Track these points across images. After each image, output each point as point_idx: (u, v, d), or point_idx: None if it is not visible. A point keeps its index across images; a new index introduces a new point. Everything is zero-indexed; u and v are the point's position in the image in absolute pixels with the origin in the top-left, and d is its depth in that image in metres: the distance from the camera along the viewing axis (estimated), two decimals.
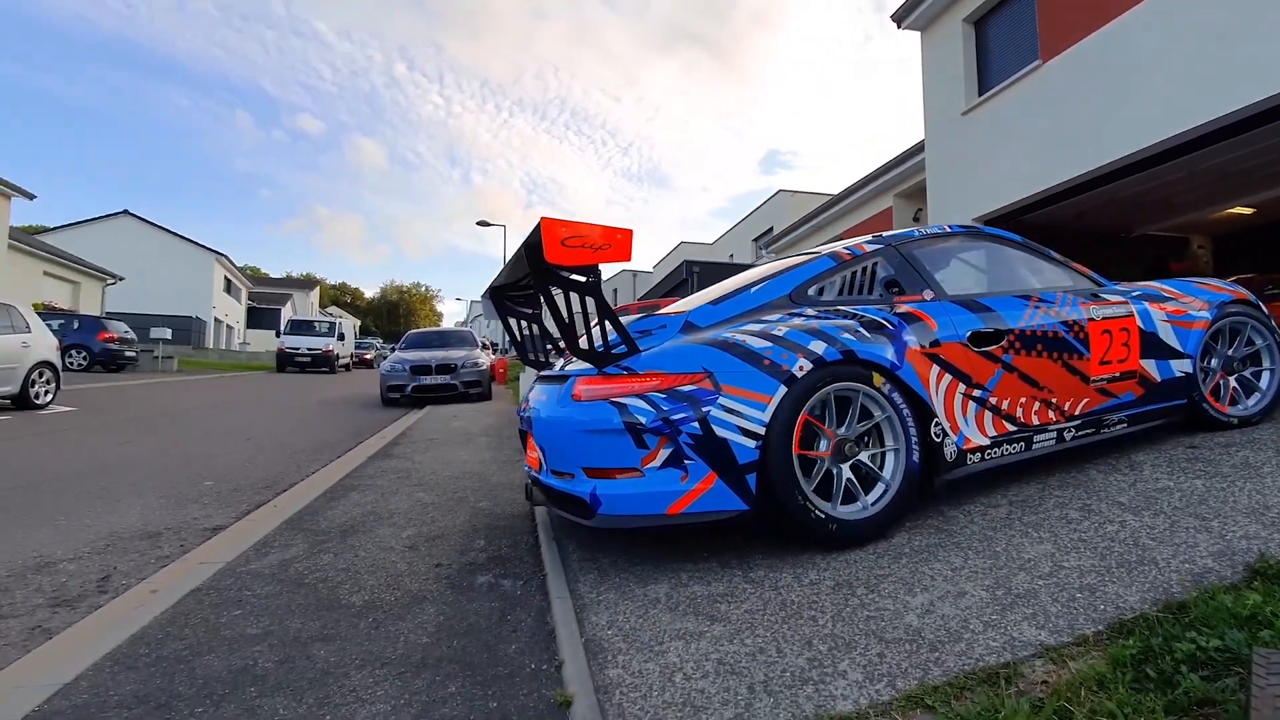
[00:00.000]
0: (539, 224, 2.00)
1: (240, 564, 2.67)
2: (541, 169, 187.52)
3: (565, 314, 2.27)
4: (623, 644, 1.84)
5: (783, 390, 2.23)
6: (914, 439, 2.43)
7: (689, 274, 19.16)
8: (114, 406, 9.27)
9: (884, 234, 3.02)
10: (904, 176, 10.57)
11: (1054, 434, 2.81)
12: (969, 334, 2.66)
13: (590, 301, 2.23)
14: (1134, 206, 8.12)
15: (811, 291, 2.72)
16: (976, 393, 2.63)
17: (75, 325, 17.18)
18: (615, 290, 34.56)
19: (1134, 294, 3.22)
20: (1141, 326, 3.09)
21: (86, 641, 1.98)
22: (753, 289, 2.69)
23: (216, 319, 34.36)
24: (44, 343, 8.60)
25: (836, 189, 14.14)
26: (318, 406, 10.06)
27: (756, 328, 2.41)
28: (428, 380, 9.91)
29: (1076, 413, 2.88)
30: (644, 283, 31.59)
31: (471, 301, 74.98)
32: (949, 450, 2.52)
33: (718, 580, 2.22)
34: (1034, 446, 2.76)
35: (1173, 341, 3.17)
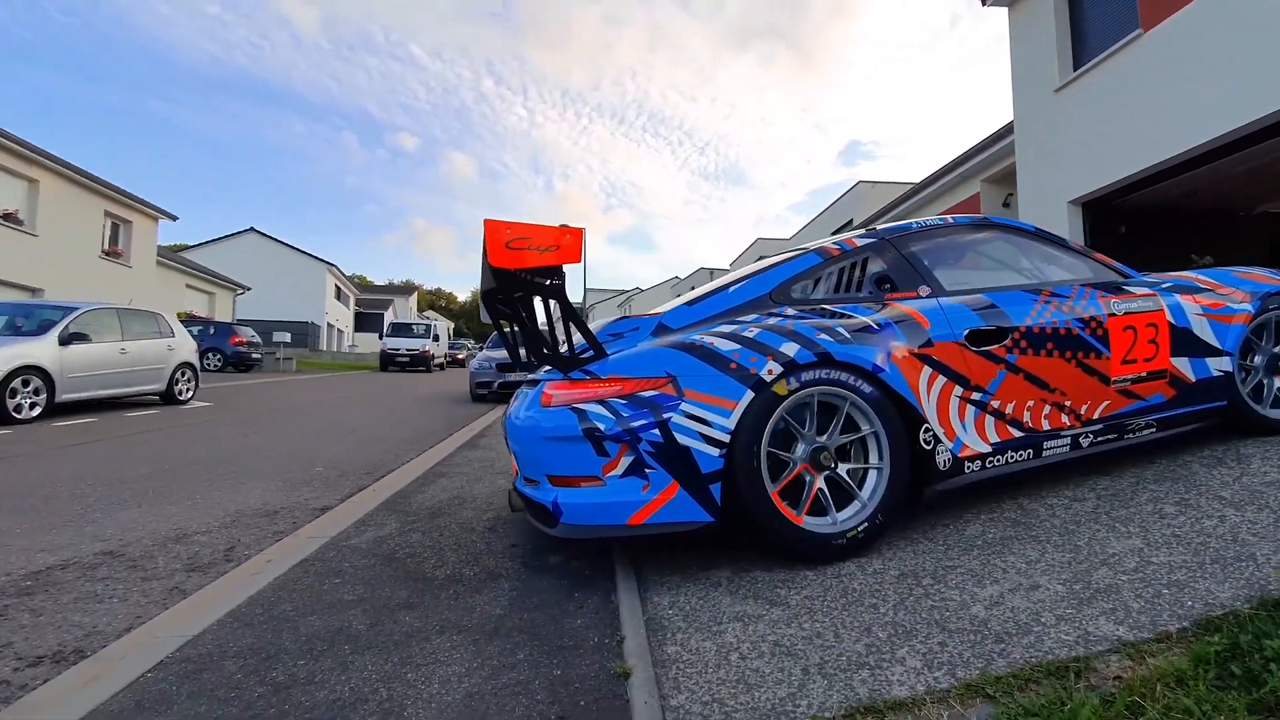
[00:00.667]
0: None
1: (342, 539, 2.93)
2: (620, 172, 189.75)
3: (529, 318, 2.19)
4: (682, 623, 1.90)
5: (750, 395, 2.11)
6: (898, 447, 2.25)
7: None
8: (242, 402, 10.28)
9: (878, 227, 2.85)
10: (992, 160, 9.96)
11: (1068, 440, 2.56)
12: (966, 333, 2.47)
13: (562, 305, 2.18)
14: (1252, 182, 7.29)
15: (795, 290, 2.58)
16: (976, 396, 2.44)
17: (211, 331, 19.46)
18: (692, 288, 34.52)
19: (1164, 286, 2.95)
20: (1172, 321, 2.81)
21: (213, 601, 2.25)
22: (731, 289, 2.58)
23: (329, 323, 37.14)
24: (186, 346, 9.88)
25: (920, 178, 13.51)
26: (414, 402, 10.72)
27: (727, 329, 2.30)
28: (513, 377, 10.33)
29: (1095, 416, 2.64)
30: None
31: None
32: (942, 458, 2.33)
33: (780, 566, 2.23)
34: (1044, 453, 2.52)
35: (1209, 337, 2.87)
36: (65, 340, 7.89)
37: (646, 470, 2.08)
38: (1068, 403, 2.60)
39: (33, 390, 7.44)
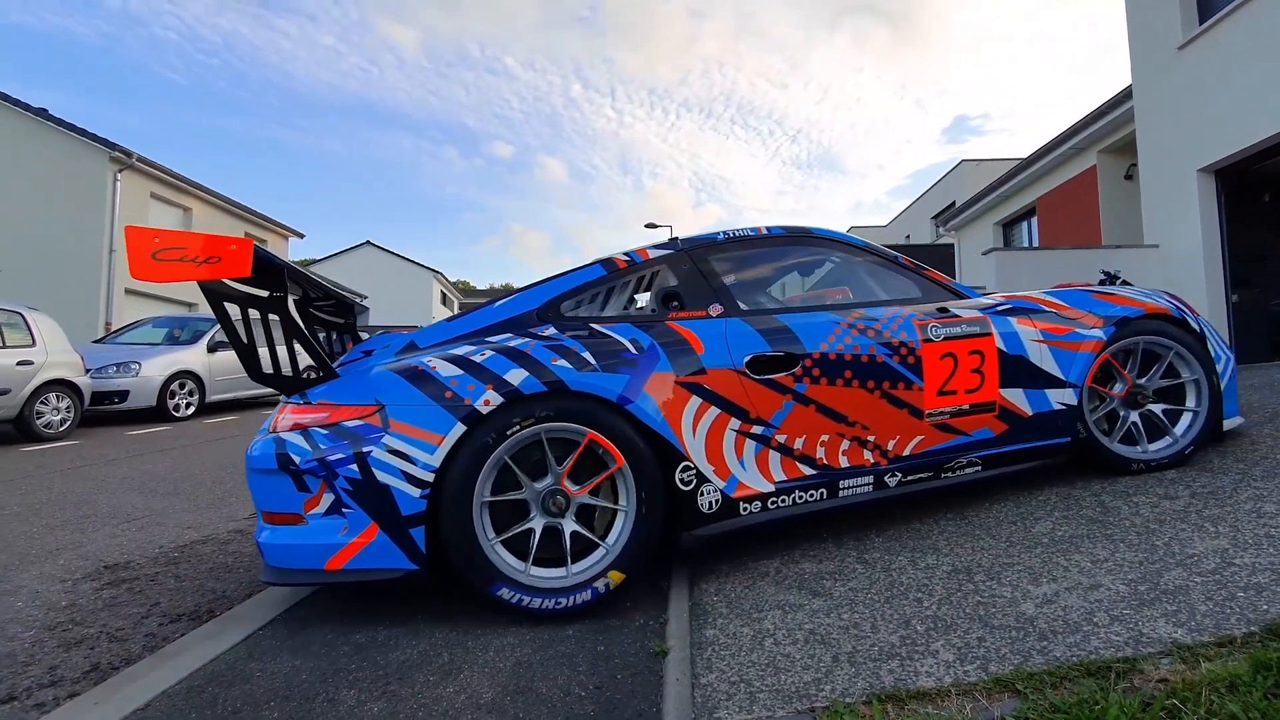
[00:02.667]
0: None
1: None
2: (709, 166, 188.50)
3: (244, 333, 1.99)
4: (724, 609, 1.96)
5: (460, 429, 1.91)
6: (650, 488, 2.04)
7: None
8: None
9: (679, 238, 2.60)
10: (1109, 129, 9.06)
11: (870, 478, 2.33)
12: (747, 359, 2.24)
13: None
14: None
15: (568, 306, 2.37)
16: (757, 430, 2.21)
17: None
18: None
19: (999, 308, 2.63)
20: (1002, 348, 2.51)
21: None
22: (499, 303, 2.38)
23: None
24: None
25: (1033, 150, 12.51)
26: None
27: (461, 350, 2.09)
28: None
29: (905, 453, 2.39)
30: None
31: None
32: (707, 500, 2.11)
33: (829, 559, 2.24)
34: (841, 494, 2.30)
35: (1049, 366, 2.57)
36: (213, 348, 9.00)
37: (344, 510, 1.89)
38: (871, 438, 2.35)
39: (188, 392, 8.56)
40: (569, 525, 2.03)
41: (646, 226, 24.89)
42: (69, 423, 6.82)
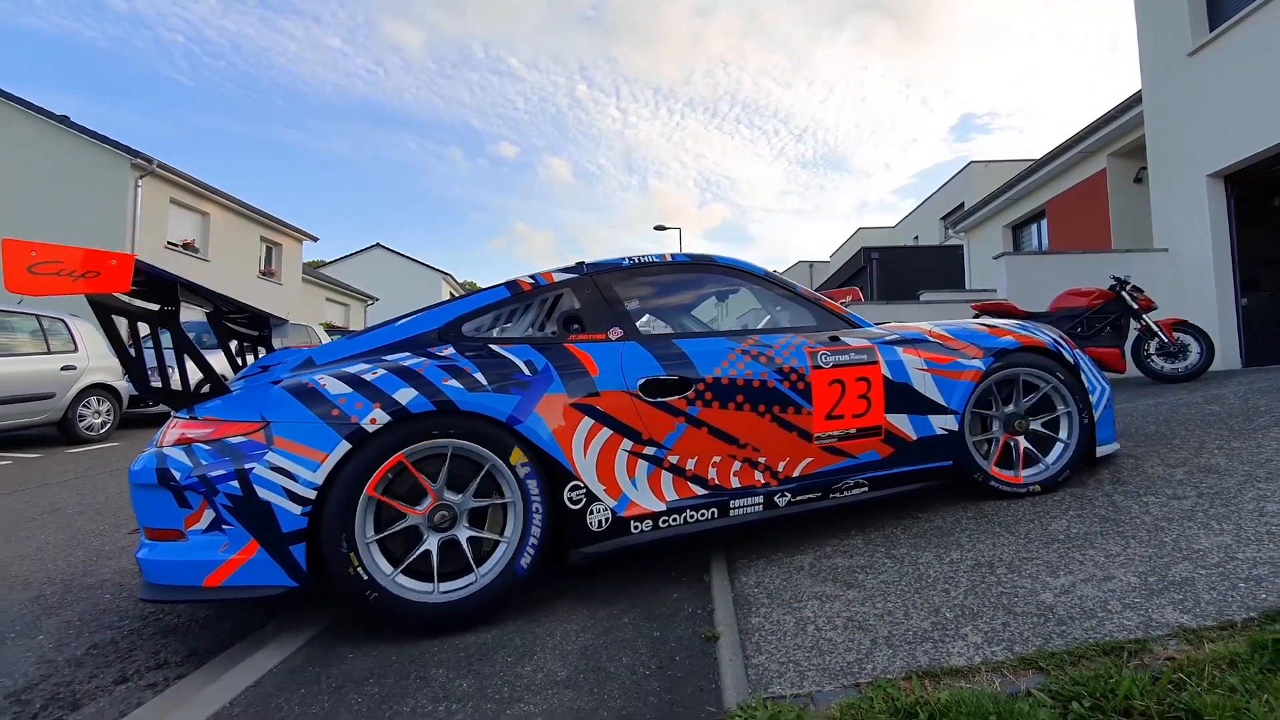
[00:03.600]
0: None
1: None
2: (714, 166, 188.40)
3: (131, 347, 2.01)
4: (765, 599, 2.14)
5: (345, 447, 1.93)
6: (534, 509, 2.11)
7: (868, 261, 18.31)
8: None
9: (585, 262, 2.67)
10: (1120, 132, 9.17)
11: (760, 498, 2.44)
12: (640, 382, 2.32)
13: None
14: None
15: (470, 326, 2.41)
16: (649, 450, 2.30)
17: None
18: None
19: (887, 339, 2.75)
20: (888, 376, 2.65)
21: None
22: (401, 321, 2.41)
23: None
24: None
25: (1040, 153, 12.62)
26: None
27: (354, 369, 2.11)
28: None
29: (795, 474, 2.51)
30: (821, 273, 30.60)
31: None
32: (596, 519, 2.20)
33: (860, 554, 2.42)
34: (732, 513, 2.40)
35: (933, 394, 2.70)
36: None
37: (224, 526, 1.90)
38: (762, 459, 2.46)
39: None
40: (461, 533, 2.07)
41: (655, 229, 25.06)
42: (109, 425, 7.06)
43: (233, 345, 2.75)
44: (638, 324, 2.64)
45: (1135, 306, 5.84)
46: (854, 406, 2.58)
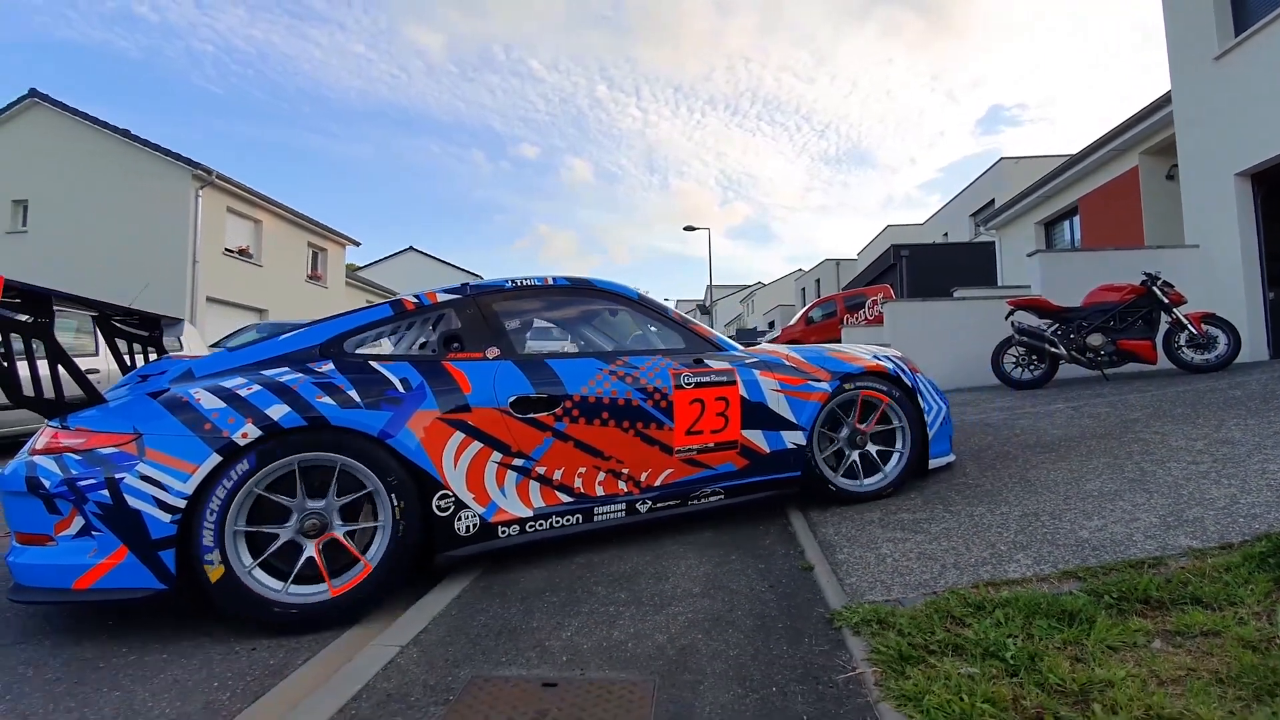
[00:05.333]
0: None
1: None
2: (736, 164, 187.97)
3: (2, 357, 2.03)
4: (845, 543, 2.61)
5: (215, 459, 2.02)
6: (407, 513, 2.24)
7: (897, 259, 18.56)
8: None
9: (469, 283, 2.83)
10: (1152, 130, 9.40)
11: (623, 505, 2.66)
12: (511, 399, 2.48)
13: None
14: None
15: (352, 343, 2.51)
16: (518, 462, 2.47)
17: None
18: (818, 280, 34.07)
19: (747, 362, 3.01)
20: (745, 395, 2.91)
21: None
22: (284, 336, 2.48)
23: None
24: None
25: (1075, 146, 12.81)
26: None
27: (230, 383, 2.19)
28: None
29: (656, 484, 2.73)
30: (848, 271, 30.72)
31: (677, 301, 78.36)
32: (464, 524, 2.36)
33: (921, 511, 2.88)
34: (596, 518, 2.61)
35: (785, 412, 2.98)
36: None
37: (94, 532, 1.98)
38: (625, 470, 2.66)
39: None
40: (312, 547, 2.15)
41: (685, 229, 25.53)
42: None
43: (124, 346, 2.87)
44: (528, 339, 2.87)
45: (1166, 301, 6.17)
46: (713, 423, 2.82)
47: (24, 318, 2.07)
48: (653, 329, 3.15)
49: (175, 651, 2.00)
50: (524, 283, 2.88)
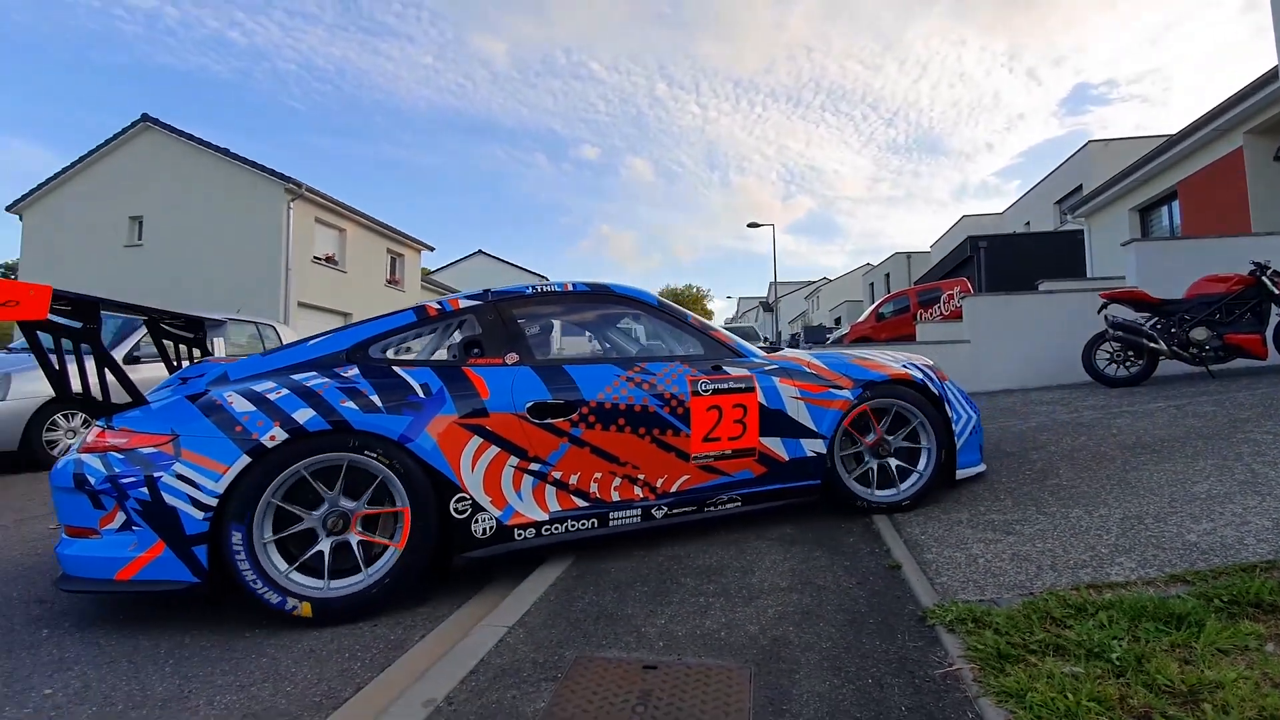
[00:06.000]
0: None
1: None
2: (798, 157, 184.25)
3: (55, 360, 2.17)
4: (933, 544, 2.60)
5: (245, 461, 2.10)
6: (422, 515, 2.28)
7: (974, 250, 17.79)
8: None
9: (491, 289, 2.85)
10: (1256, 109, 8.63)
11: (639, 511, 2.66)
12: (529, 405, 2.50)
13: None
14: None
15: (377, 349, 2.57)
16: (534, 467, 2.50)
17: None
18: (888, 275, 33.02)
19: (766, 369, 2.95)
20: (764, 403, 2.85)
21: None
22: (312, 341, 2.55)
23: None
24: None
25: (1174, 126, 11.95)
26: None
27: (260, 387, 2.27)
28: None
29: (672, 490, 2.72)
30: (920, 264, 29.62)
31: (740, 298, 77.46)
32: (481, 526, 2.40)
33: (1012, 513, 2.82)
34: (611, 523, 2.62)
35: (804, 419, 2.91)
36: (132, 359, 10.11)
37: (134, 527, 2.08)
38: (641, 476, 2.66)
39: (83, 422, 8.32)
40: (328, 545, 2.23)
41: (749, 226, 25.28)
42: None
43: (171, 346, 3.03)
44: (550, 343, 2.95)
45: (1277, 292, 5.71)
46: (730, 430, 2.80)
47: (74, 324, 2.19)
48: (670, 333, 3.14)
49: (307, 625, 2.22)
50: (544, 289, 2.92)
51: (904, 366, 3.18)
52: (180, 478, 2.08)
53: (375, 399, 2.31)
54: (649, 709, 1.58)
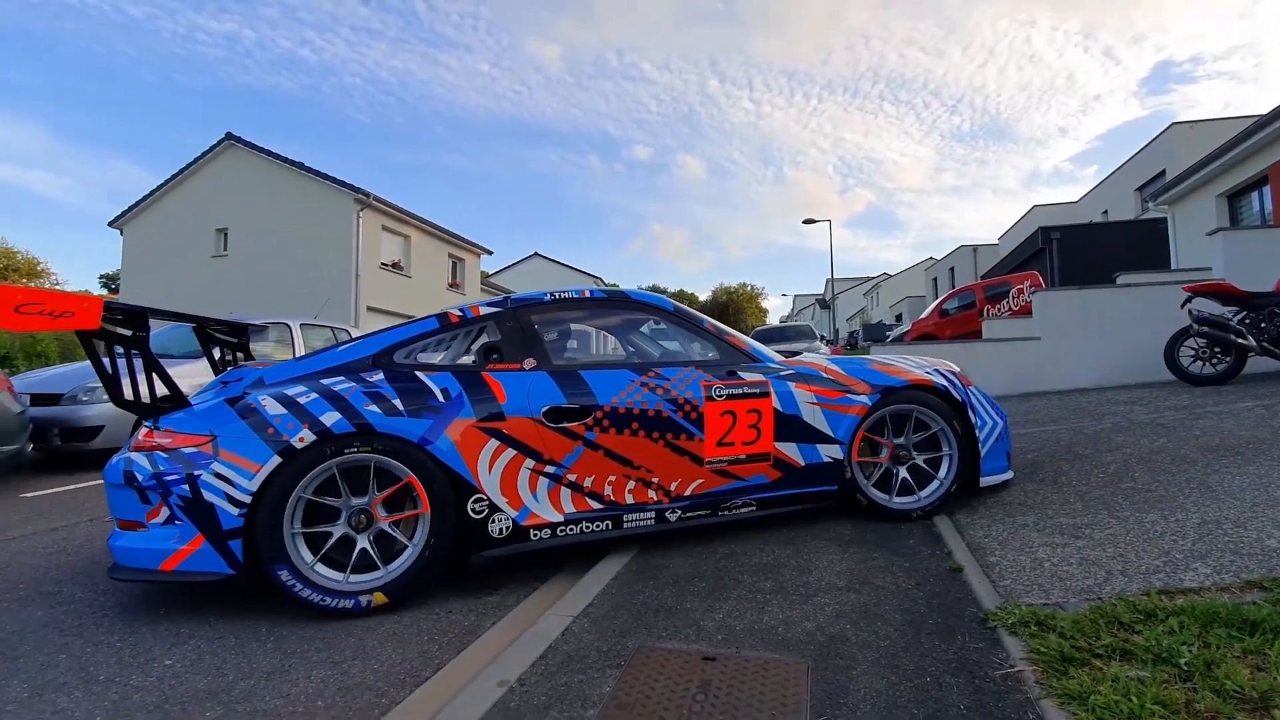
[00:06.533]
0: None
1: None
2: (855, 149, 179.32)
3: (109, 365, 2.30)
4: (997, 546, 2.56)
5: (276, 461, 2.22)
6: (442, 515, 2.37)
7: (1046, 241, 16.98)
8: None
9: (512, 295, 2.92)
10: None
11: (652, 514, 2.69)
12: (544, 409, 2.56)
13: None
14: None
15: (402, 355, 2.66)
16: (550, 469, 2.55)
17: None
18: (952, 269, 31.81)
19: (781, 374, 2.94)
20: (778, 408, 2.85)
21: None
22: (342, 347, 2.66)
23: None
24: None
25: (1265, 106, 11.08)
26: None
27: (293, 390, 2.39)
28: None
29: (686, 494, 2.74)
30: (987, 258, 28.43)
31: (795, 296, 76.16)
32: (498, 526, 2.46)
33: (1082, 516, 2.75)
34: (625, 526, 2.65)
35: (820, 425, 2.91)
36: None
37: (177, 521, 2.22)
38: (655, 479, 2.69)
39: None
40: (364, 538, 2.36)
41: (805, 222, 24.88)
42: None
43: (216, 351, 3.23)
44: (568, 349, 3.03)
45: None
46: (744, 435, 2.81)
47: (126, 331, 2.33)
48: (686, 338, 3.17)
49: (387, 612, 2.39)
50: (562, 295, 2.99)
51: (925, 372, 3.13)
52: (218, 476, 2.22)
53: (398, 403, 2.41)
54: (709, 697, 1.65)
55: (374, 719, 1.70)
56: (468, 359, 2.82)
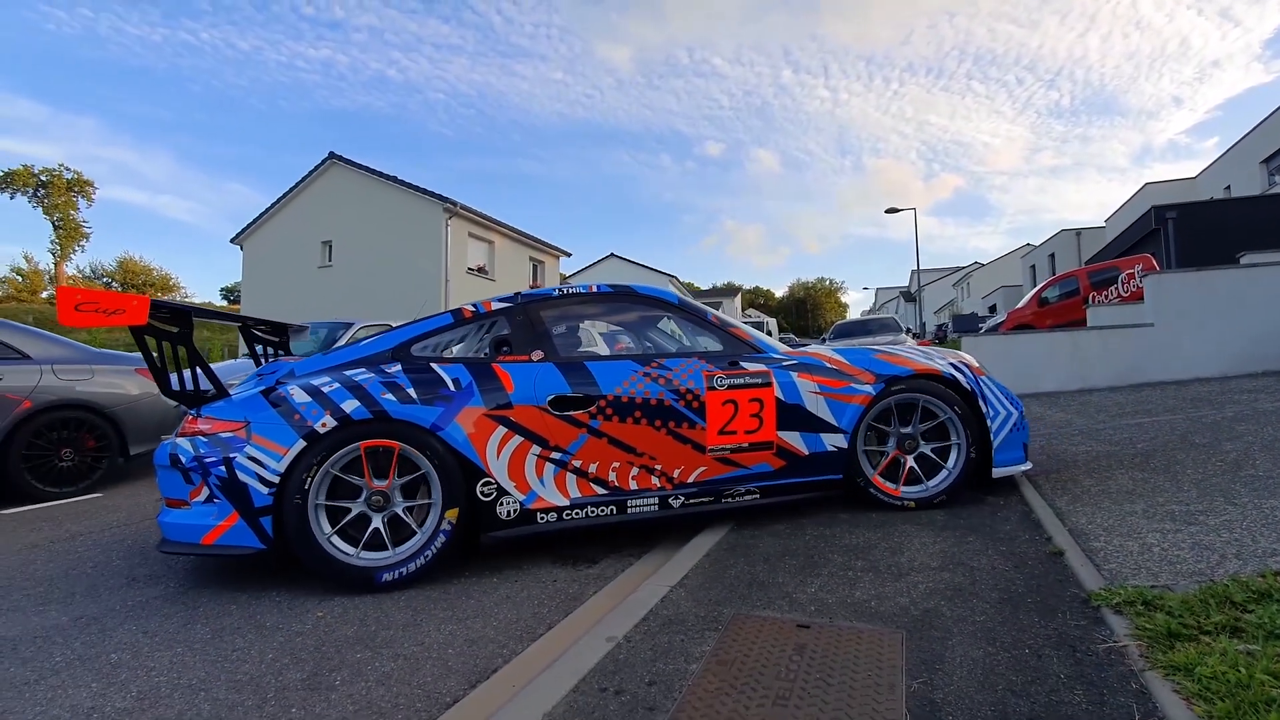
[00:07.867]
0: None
1: None
2: (941, 132, 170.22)
3: (158, 358, 2.55)
4: (1101, 532, 2.50)
5: (301, 444, 2.42)
6: (451, 495, 2.50)
7: (1160, 222, 15.64)
8: None
9: (521, 292, 3.01)
10: None
11: (656, 500, 2.76)
12: (550, 398, 2.67)
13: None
14: None
15: (418, 348, 2.80)
16: (555, 455, 2.65)
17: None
18: (1052, 255, 29.77)
19: (784, 364, 2.98)
20: (781, 397, 2.89)
21: None
22: (365, 341, 2.83)
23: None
24: None
25: None
26: None
27: (318, 381, 2.58)
28: None
29: (689, 481, 2.81)
30: (1092, 242, 26.43)
31: (878, 289, 73.39)
32: (506, 509, 2.58)
33: (1196, 503, 2.63)
34: (630, 511, 2.73)
35: (824, 414, 2.93)
36: None
37: (215, 499, 2.45)
38: (658, 466, 2.77)
39: None
40: (379, 519, 2.54)
41: (887, 212, 24.02)
42: None
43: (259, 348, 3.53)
44: (575, 341, 3.15)
45: None
46: (747, 424, 2.86)
47: (173, 329, 2.57)
48: (691, 330, 3.24)
49: (500, 579, 2.62)
50: (570, 291, 3.10)
51: (932, 361, 3.11)
52: (251, 458, 2.44)
53: (412, 391, 2.59)
54: (805, 658, 1.75)
55: (499, 665, 1.91)
56: (481, 352, 2.96)
